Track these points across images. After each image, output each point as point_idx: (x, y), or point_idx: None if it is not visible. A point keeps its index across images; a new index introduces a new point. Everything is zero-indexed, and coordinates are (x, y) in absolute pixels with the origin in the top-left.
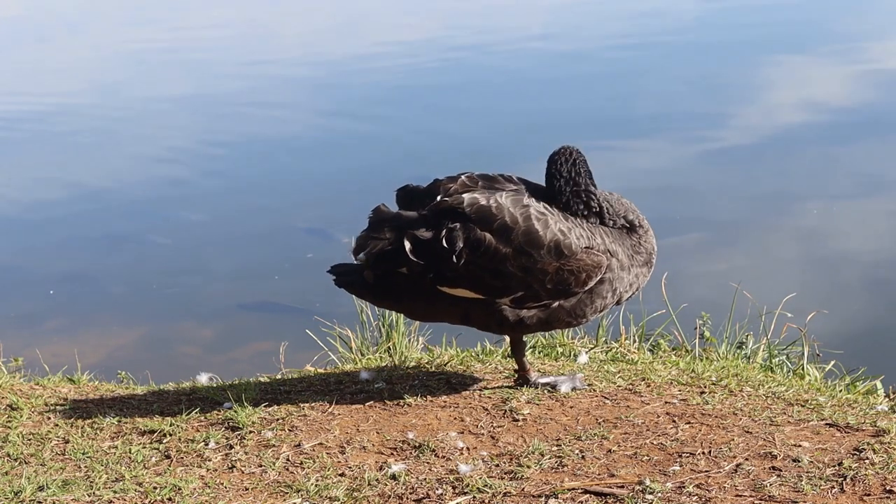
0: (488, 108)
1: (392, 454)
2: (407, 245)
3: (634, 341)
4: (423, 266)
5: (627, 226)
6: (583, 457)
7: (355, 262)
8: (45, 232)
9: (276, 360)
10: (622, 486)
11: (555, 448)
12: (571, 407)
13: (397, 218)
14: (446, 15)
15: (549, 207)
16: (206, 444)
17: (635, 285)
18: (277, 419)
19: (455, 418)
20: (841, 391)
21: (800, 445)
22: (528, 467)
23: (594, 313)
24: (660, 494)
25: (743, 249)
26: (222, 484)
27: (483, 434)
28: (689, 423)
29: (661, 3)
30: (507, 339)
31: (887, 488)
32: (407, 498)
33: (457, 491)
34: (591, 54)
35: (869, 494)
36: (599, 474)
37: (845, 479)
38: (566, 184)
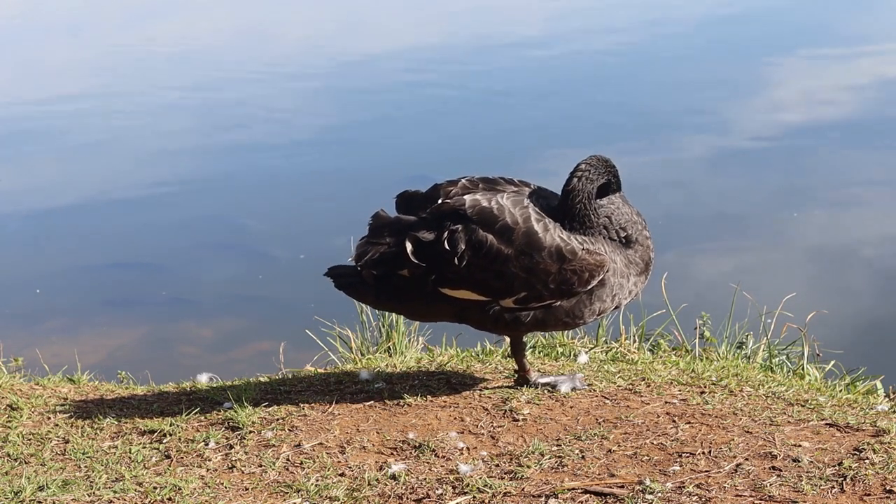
0: (491, 109)
1: (392, 454)
2: (408, 247)
3: (634, 341)
4: (425, 268)
5: (624, 240)
6: (583, 457)
7: (353, 264)
8: (42, 232)
9: (276, 360)
10: (622, 486)
11: (555, 448)
12: (571, 407)
13: (397, 222)
14: (447, 16)
15: (550, 209)
16: (206, 444)
17: (634, 292)
18: (277, 419)
19: (455, 418)
20: (841, 391)
21: (800, 445)
22: (528, 467)
23: (592, 316)
24: (660, 494)
25: (743, 249)
26: (222, 484)
27: (483, 434)
28: (689, 423)
29: (665, 4)
30: (507, 339)
31: (887, 488)
32: (407, 498)
33: (457, 491)
34: (593, 55)
35: (869, 494)
36: (599, 474)
37: (845, 479)
38: (566, 202)
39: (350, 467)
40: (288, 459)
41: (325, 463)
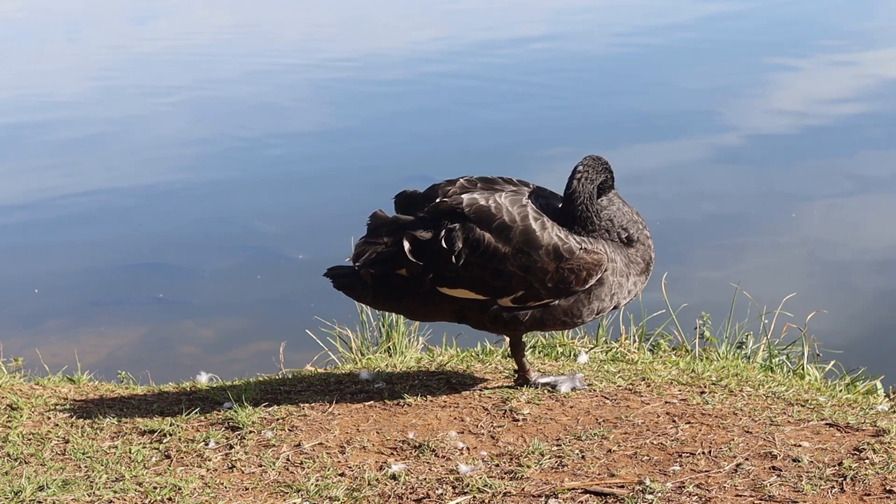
0: (492, 109)
1: (392, 454)
2: (406, 246)
3: (634, 341)
4: (423, 267)
5: (626, 240)
6: (583, 457)
7: (352, 264)
8: (42, 232)
9: (276, 360)
10: (622, 486)
11: (555, 448)
12: (571, 407)
13: (395, 222)
14: (448, 16)
15: (549, 208)
16: (206, 444)
17: (633, 292)
18: (277, 419)
19: (455, 418)
20: (841, 391)
21: (800, 445)
22: (528, 467)
23: (590, 315)
24: (660, 494)
25: (743, 249)
26: (222, 484)
27: (483, 434)
28: (689, 423)
29: (665, 5)
30: (507, 338)
31: (887, 488)
32: (407, 498)
33: (457, 491)
34: (594, 55)
35: (869, 494)
36: (599, 474)
37: (845, 479)
38: (569, 205)
39: (350, 467)
40: (288, 459)
41: (325, 463)
